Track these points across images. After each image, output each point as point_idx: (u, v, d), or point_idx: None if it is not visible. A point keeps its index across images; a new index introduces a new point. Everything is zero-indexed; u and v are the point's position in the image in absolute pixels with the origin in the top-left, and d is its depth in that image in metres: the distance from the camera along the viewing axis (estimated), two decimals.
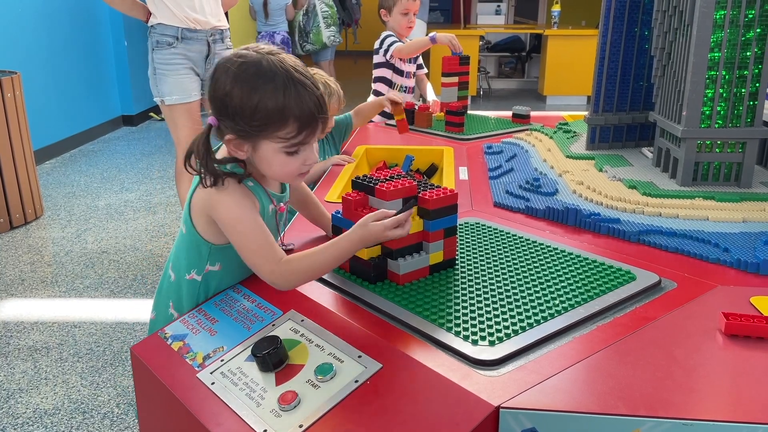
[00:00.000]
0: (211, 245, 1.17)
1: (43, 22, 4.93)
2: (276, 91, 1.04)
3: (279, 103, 1.04)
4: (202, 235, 1.16)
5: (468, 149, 2.19)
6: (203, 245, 1.17)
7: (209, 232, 1.16)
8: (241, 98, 1.04)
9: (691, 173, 1.59)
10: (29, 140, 3.68)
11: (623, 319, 1.03)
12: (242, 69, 1.05)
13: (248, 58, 1.06)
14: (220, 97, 1.07)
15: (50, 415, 2.00)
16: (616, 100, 1.93)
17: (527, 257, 1.25)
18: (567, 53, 7.02)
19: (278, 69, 1.05)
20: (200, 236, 1.16)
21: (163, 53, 2.69)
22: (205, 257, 1.18)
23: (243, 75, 1.05)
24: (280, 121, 1.05)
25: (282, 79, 1.05)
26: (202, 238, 1.16)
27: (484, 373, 0.89)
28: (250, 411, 0.92)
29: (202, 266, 1.19)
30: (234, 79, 1.05)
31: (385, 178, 1.18)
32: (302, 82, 1.06)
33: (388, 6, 2.93)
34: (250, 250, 1.09)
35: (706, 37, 1.49)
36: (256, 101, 1.04)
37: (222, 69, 1.08)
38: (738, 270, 1.21)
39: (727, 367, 0.91)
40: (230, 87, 1.05)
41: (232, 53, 1.10)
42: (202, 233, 1.16)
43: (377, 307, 1.07)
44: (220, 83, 1.07)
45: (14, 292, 2.83)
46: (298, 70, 1.07)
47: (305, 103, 1.06)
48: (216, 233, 1.16)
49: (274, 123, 1.05)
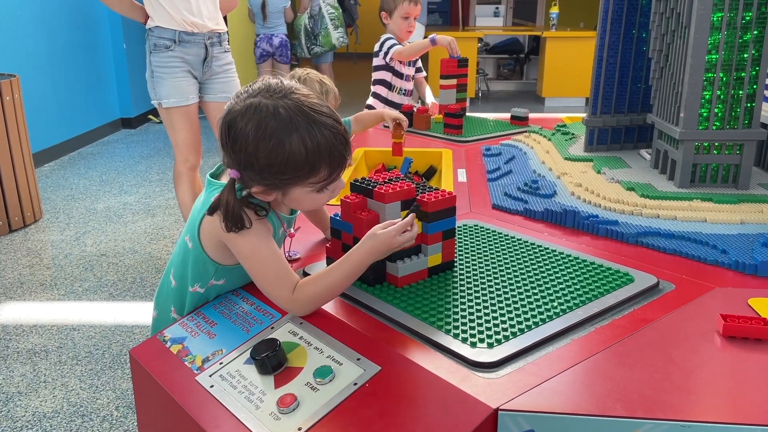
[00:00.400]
0: (218, 265, 1.16)
1: (41, 25, 4.93)
2: (302, 140, 0.99)
3: (308, 154, 1.00)
4: (210, 255, 1.15)
5: (467, 151, 2.19)
6: (210, 264, 1.16)
7: (218, 255, 1.15)
8: (268, 156, 0.99)
9: (689, 175, 1.59)
10: (28, 143, 3.68)
11: (621, 321, 1.04)
12: (263, 125, 0.99)
13: (264, 110, 1.00)
14: (244, 157, 1.01)
15: (49, 418, 2.00)
16: (614, 102, 1.93)
17: (525, 259, 1.26)
18: (565, 55, 7.03)
19: (298, 115, 1.00)
20: (208, 256, 1.15)
21: (160, 56, 2.69)
22: (211, 274, 1.17)
23: (265, 131, 0.99)
24: (311, 170, 1.02)
25: (305, 126, 1.00)
26: (210, 258, 1.15)
27: (482, 376, 0.89)
28: (249, 414, 0.92)
29: (206, 281, 1.18)
30: (256, 137, 0.99)
31: (384, 181, 1.18)
32: (324, 123, 1.01)
33: (389, 9, 2.93)
34: (269, 280, 1.07)
35: (703, 40, 1.50)
36: (285, 157, 0.99)
37: (238, 126, 1.01)
38: (736, 271, 1.21)
39: (724, 368, 0.92)
40: (254, 146, 0.99)
41: (244, 105, 1.01)
42: (210, 254, 1.14)
43: (376, 310, 1.08)
44: (241, 141, 1.00)
45: (13, 295, 2.83)
46: (316, 109, 1.02)
47: (333, 145, 1.02)
48: (225, 256, 1.14)
49: (305, 173, 1.02)
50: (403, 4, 2.90)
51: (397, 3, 2.90)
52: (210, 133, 3.16)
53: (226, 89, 2.87)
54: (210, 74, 2.82)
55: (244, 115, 1.01)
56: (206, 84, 2.85)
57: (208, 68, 2.80)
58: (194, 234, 1.15)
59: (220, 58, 2.84)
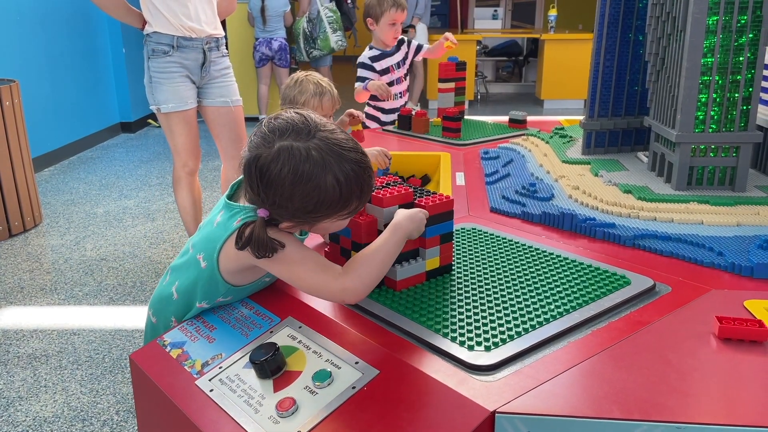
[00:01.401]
0: (230, 286, 1.16)
1: (41, 30, 4.94)
2: (335, 180, 0.99)
3: (342, 193, 1.01)
4: (224, 277, 1.14)
5: (465, 155, 2.20)
6: (222, 284, 1.15)
7: (236, 277, 1.15)
8: (303, 199, 1.00)
9: (686, 177, 1.60)
10: (28, 148, 3.69)
11: (618, 324, 1.04)
12: (299, 170, 0.99)
13: (296, 154, 0.99)
14: (277, 201, 1.01)
15: (50, 422, 2.01)
16: (611, 105, 1.94)
17: (523, 262, 1.26)
18: (564, 57, 7.05)
19: (329, 155, 1.00)
20: (222, 278, 1.14)
21: (158, 61, 2.70)
22: (221, 293, 1.17)
23: (302, 176, 0.99)
24: (344, 206, 1.03)
25: (336, 165, 1.00)
26: (223, 279, 1.14)
27: (480, 378, 0.90)
28: (249, 418, 0.92)
29: (214, 298, 1.18)
30: (293, 182, 0.99)
31: (381, 185, 1.19)
32: (353, 159, 1.02)
33: (375, 15, 2.93)
34: (311, 277, 1.05)
35: (699, 43, 1.51)
36: (319, 198, 1.00)
37: (273, 171, 1.00)
38: (732, 274, 1.22)
39: (720, 370, 0.92)
40: (290, 191, 0.99)
41: (276, 148, 1.00)
42: (225, 276, 1.14)
43: (374, 314, 1.08)
44: (276, 185, 1.00)
45: (13, 299, 2.84)
46: (343, 145, 1.02)
47: (363, 179, 1.03)
48: (242, 278, 1.15)
49: (337, 209, 1.03)
50: (390, 11, 2.90)
51: (384, 10, 2.90)
52: (209, 138, 3.17)
53: (225, 94, 2.88)
54: (208, 79, 2.83)
55: (277, 160, 1.00)
56: (204, 89, 2.85)
57: (206, 73, 2.81)
58: (212, 255, 1.13)
59: (218, 63, 2.85)
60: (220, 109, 2.88)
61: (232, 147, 2.90)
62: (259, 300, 1.19)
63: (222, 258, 1.12)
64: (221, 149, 2.98)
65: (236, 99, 2.92)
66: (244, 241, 1.03)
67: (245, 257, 1.07)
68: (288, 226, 1.07)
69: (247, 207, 1.10)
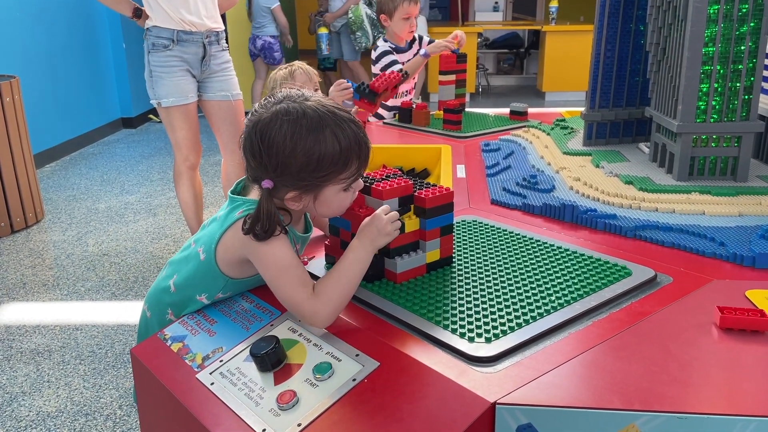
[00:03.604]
0: (228, 279, 1.16)
1: (41, 26, 4.94)
2: (334, 136, 1.03)
3: (342, 148, 1.03)
4: (222, 269, 1.14)
5: (466, 147, 2.19)
6: (220, 278, 1.15)
7: (233, 269, 1.15)
8: (305, 155, 1.02)
9: (687, 168, 1.59)
10: (29, 144, 3.69)
11: (619, 315, 1.04)
12: (296, 126, 1.02)
13: (294, 113, 1.03)
14: (281, 161, 1.03)
15: (53, 417, 2.01)
16: (612, 96, 1.93)
17: (524, 254, 1.26)
18: (565, 49, 7.02)
19: (325, 113, 1.04)
20: (219, 270, 1.15)
21: (159, 56, 2.70)
22: (220, 287, 1.17)
23: (300, 132, 1.02)
24: (345, 164, 1.05)
25: (332, 123, 1.04)
26: (221, 271, 1.15)
27: (480, 370, 0.90)
28: (249, 411, 0.92)
29: (213, 293, 1.18)
30: (293, 138, 1.02)
31: (381, 177, 1.18)
32: (347, 119, 1.05)
33: (389, 11, 2.92)
34: (292, 287, 1.05)
35: (700, 32, 1.50)
36: (320, 153, 1.02)
37: (273, 131, 1.03)
38: (734, 264, 1.22)
39: (722, 360, 0.92)
40: (291, 148, 1.02)
41: (272, 112, 1.04)
42: (223, 268, 1.14)
43: (374, 306, 1.08)
44: (277, 146, 1.02)
45: (16, 295, 2.85)
46: (337, 109, 1.06)
47: (359, 137, 1.06)
48: (239, 270, 1.15)
49: (339, 168, 1.05)
50: (403, 5, 2.89)
51: (397, 4, 2.89)
52: (210, 132, 3.17)
53: (225, 88, 2.88)
54: (208, 73, 2.83)
55: (275, 120, 1.03)
56: (205, 83, 2.85)
57: (206, 67, 2.80)
58: (210, 246, 1.14)
59: (219, 57, 2.84)
60: (221, 103, 2.87)
61: (233, 141, 2.90)
62: (259, 293, 1.18)
63: (220, 248, 1.13)
64: (222, 144, 2.98)
65: (237, 93, 2.92)
66: (252, 220, 1.03)
67: (240, 248, 1.08)
68: (293, 196, 1.07)
69: (248, 200, 1.11)
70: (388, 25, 2.97)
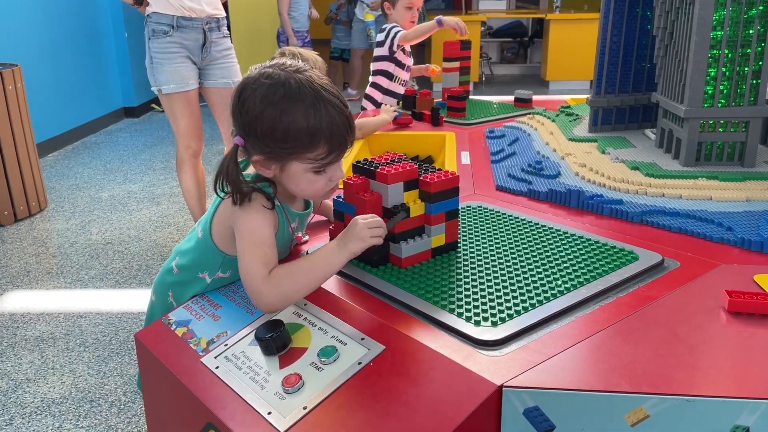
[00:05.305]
0: (225, 255, 1.17)
1: (43, 14, 4.92)
2: (306, 112, 1.02)
3: (309, 125, 1.02)
4: (217, 244, 1.16)
5: (470, 134, 2.18)
6: (217, 254, 1.17)
7: (228, 245, 1.15)
8: (272, 121, 1.02)
9: (694, 153, 1.58)
10: (32, 132, 3.68)
11: (626, 299, 1.03)
12: (271, 91, 1.03)
13: (275, 78, 1.04)
14: (248, 120, 1.04)
15: (58, 404, 2.02)
16: (618, 81, 1.91)
17: (530, 239, 1.25)
18: (569, 38, 6.97)
19: (307, 89, 1.03)
20: (215, 245, 1.16)
21: (159, 42, 2.68)
22: (218, 265, 1.18)
23: (272, 97, 1.03)
24: (311, 143, 1.04)
25: (311, 99, 1.03)
26: (217, 247, 1.16)
27: (486, 353, 0.89)
28: (255, 394, 0.92)
29: (213, 271, 1.19)
30: (263, 101, 1.03)
31: (386, 162, 1.17)
32: (331, 102, 1.04)
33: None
34: (253, 263, 1.05)
35: (708, 16, 1.48)
36: (287, 124, 1.02)
37: (249, 90, 1.05)
38: (741, 249, 1.21)
39: (730, 344, 0.91)
40: (259, 110, 1.03)
41: (258, 72, 1.06)
42: (218, 243, 1.16)
43: (380, 290, 1.07)
44: (248, 105, 1.04)
45: (20, 283, 2.85)
46: (326, 89, 1.05)
47: (335, 124, 1.04)
48: (233, 247, 1.15)
49: (304, 145, 1.04)
50: None
51: None
52: (212, 120, 3.15)
53: (226, 75, 2.86)
54: (209, 60, 2.81)
55: (256, 80, 1.05)
56: (206, 70, 2.83)
57: (207, 54, 2.79)
58: (207, 223, 1.17)
59: (219, 44, 2.82)
60: (222, 90, 2.86)
61: None
62: None
63: (215, 223, 1.15)
64: (224, 132, 2.96)
65: (238, 80, 2.89)
66: (216, 173, 1.06)
67: (228, 219, 1.11)
68: (259, 159, 1.08)
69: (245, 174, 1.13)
70: (391, 14, 2.95)
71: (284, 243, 1.19)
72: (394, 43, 2.82)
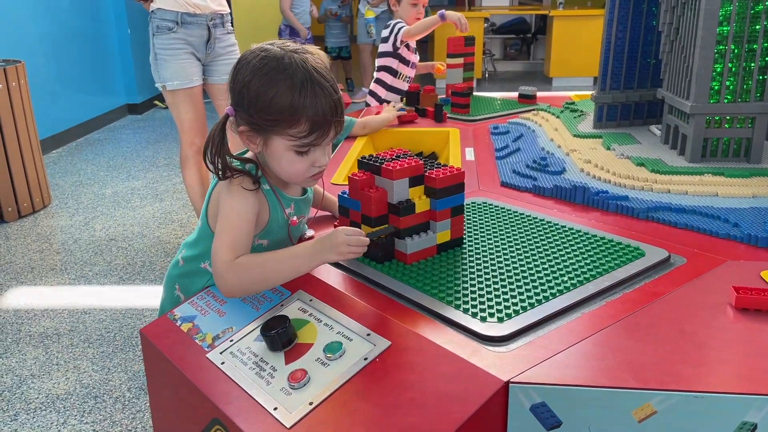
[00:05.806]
0: None
1: (46, 11, 4.91)
2: (292, 88, 1.04)
3: (293, 101, 1.04)
4: (212, 228, 1.16)
5: (474, 130, 2.18)
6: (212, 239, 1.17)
7: None
8: (258, 91, 1.05)
9: (700, 149, 1.57)
10: (35, 129, 3.68)
11: (632, 295, 1.03)
12: (263, 62, 1.06)
13: (271, 53, 1.07)
14: (238, 88, 1.08)
15: (62, 399, 2.02)
16: (624, 77, 1.91)
17: (535, 235, 1.25)
18: (573, 34, 6.95)
19: (298, 67, 1.05)
20: (210, 231, 1.16)
21: (163, 38, 2.68)
22: None
23: (263, 68, 1.05)
24: (293, 119, 1.05)
25: (300, 78, 1.04)
26: (212, 231, 1.16)
27: (493, 349, 0.89)
28: (260, 389, 0.92)
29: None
30: (253, 71, 1.06)
31: (391, 158, 1.17)
32: (320, 83, 1.06)
33: None
34: (224, 242, 1.07)
35: (714, 11, 1.47)
36: (272, 95, 1.04)
37: (244, 60, 1.08)
38: (748, 245, 1.20)
39: (737, 340, 0.91)
40: (249, 78, 1.06)
41: (258, 47, 1.09)
42: (212, 226, 1.16)
43: (385, 286, 1.07)
44: (241, 74, 1.07)
45: (24, 280, 2.85)
46: (319, 71, 1.07)
47: (320, 104, 1.05)
48: None
49: (286, 120, 1.05)
50: None
51: None
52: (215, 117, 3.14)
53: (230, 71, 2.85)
54: (213, 56, 2.81)
55: (253, 52, 1.09)
56: (210, 66, 2.83)
57: (211, 50, 2.78)
58: (204, 210, 1.18)
59: (223, 40, 2.82)
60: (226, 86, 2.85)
61: None
62: None
63: (210, 207, 1.17)
64: None
65: None
66: (206, 144, 1.08)
67: (216, 198, 1.13)
68: (244, 129, 1.10)
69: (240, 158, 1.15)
70: (396, 10, 2.95)
71: (279, 227, 1.19)
72: (397, 38, 2.81)
